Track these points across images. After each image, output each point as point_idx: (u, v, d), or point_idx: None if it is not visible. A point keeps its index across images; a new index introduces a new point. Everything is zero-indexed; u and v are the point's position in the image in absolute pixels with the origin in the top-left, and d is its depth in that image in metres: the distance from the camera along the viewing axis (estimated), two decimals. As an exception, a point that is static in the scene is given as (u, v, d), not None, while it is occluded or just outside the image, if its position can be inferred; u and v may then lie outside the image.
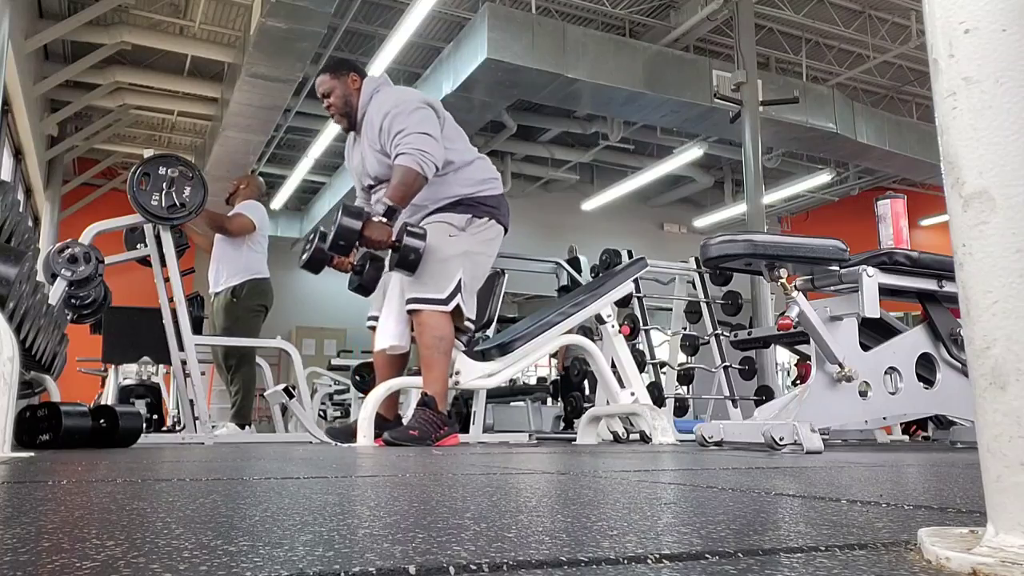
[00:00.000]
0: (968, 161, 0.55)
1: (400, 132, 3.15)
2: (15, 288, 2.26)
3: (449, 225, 3.31)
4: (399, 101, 3.26)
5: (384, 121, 3.21)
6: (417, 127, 3.16)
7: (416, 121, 3.18)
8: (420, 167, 3.11)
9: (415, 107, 3.24)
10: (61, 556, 0.53)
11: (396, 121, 3.18)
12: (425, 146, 3.13)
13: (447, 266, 3.22)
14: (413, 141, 3.13)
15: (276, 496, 0.98)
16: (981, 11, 0.55)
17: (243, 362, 5.04)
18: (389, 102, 3.27)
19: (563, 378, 6.41)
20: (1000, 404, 0.52)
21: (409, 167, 3.10)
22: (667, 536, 0.64)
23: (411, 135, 3.14)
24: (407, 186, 3.11)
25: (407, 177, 3.11)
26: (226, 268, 5.10)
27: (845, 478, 1.37)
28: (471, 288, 3.34)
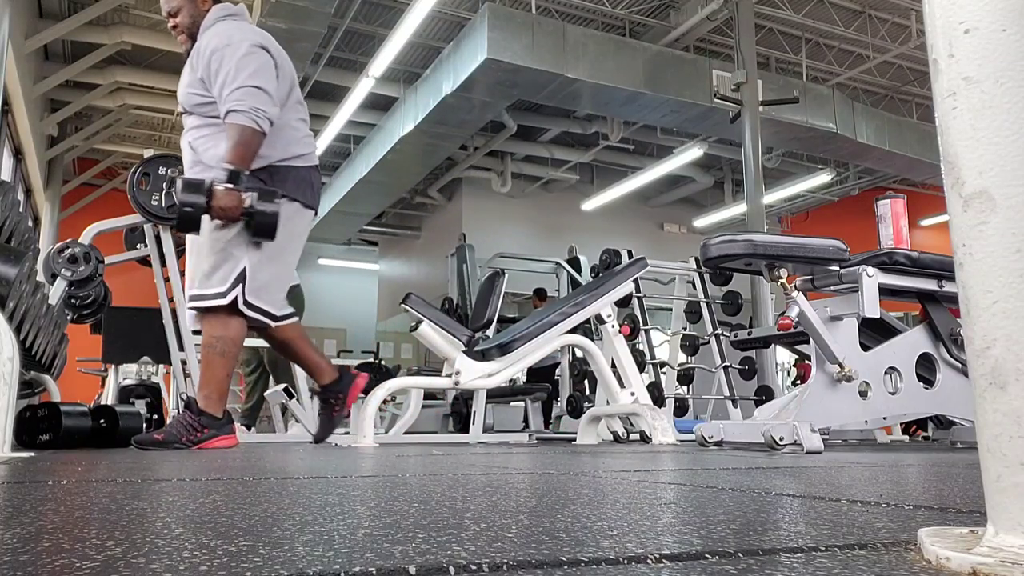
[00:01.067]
0: (968, 161, 0.55)
1: (229, 82, 2.87)
2: (15, 288, 2.26)
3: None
4: (232, 40, 2.93)
5: (212, 57, 2.91)
6: (249, 79, 2.86)
7: (249, 72, 2.87)
8: (257, 124, 2.84)
9: (247, 51, 2.91)
10: (61, 556, 0.53)
11: (225, 62, 2.89)
12: (259, 101, 2.84)
13: (227, 255, 2.89)
14: (245, 97, 2.84)
15: (276, 496, 0.98)
16: (981, 11, 0.55)
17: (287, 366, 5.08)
18: (224, 36, 2.96)
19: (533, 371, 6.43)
20: (1000, 404, 0.52)
21: (245, 125, 2.83)
22: (667, 536, 0.64)
23: (242, 89, 2.85)
24: (246, 146, 2.84)
25: (244, 136, 2.83)
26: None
27: (845, 478, 1.37)
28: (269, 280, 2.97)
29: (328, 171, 13.13)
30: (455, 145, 10.70)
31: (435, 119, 9.41)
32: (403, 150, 10.33)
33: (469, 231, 10.33)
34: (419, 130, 9.72)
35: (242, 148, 2.84)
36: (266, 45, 2.97)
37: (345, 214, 13.14)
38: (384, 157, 10.65)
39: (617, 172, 13.19)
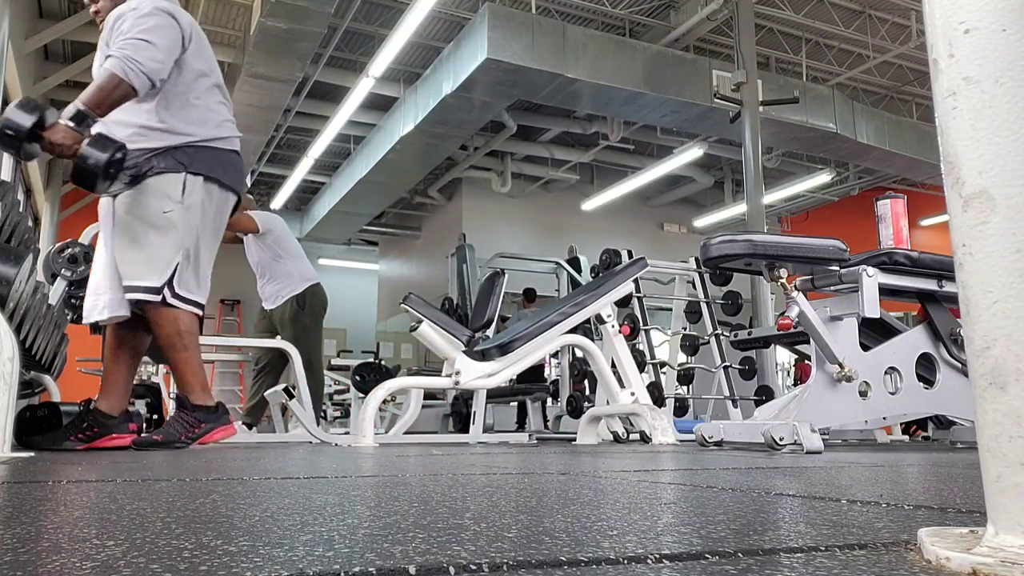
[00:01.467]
0: (968, 161, 0.55)
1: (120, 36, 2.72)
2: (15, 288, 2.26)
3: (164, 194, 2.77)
4: (139, 4, 2.79)
5: (116, 21, 2.78)
6: (139, 33, 2.71)
7: (142, 28, 2.72)
8: (125, 74, 2.64)
9: (149, 11, 2.76)
10: (61, 556, 0.53)
11: (126, 23, 2.74)
12: (140, 54, 2.66)
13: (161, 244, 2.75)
14: (128, 46, 2.67)
15: (276, 496, 0.98)
16: (981, 11, 0.55)
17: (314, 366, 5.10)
18: (133, 2, 2.82)
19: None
20: (1000, 404, 0.52)
21: (113, 72, 2.64)
22: (667, 536, 0.64)
23: (129, 39, 2.69)
24: (105, 91, 2.63)
25: (108, 82, 2.63)
26: (279, 282, 5.20)
27: (845, 478, 1.37)
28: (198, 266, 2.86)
29: (328, 171, 13.13)
30: (455, 145, 10.70)
31: (435, 119, 9.41)
32: (403, 150, 10.33)
33: (469, 231, 10.32)
34: (419, 130, 9.72)
35: (100, 93, 2.64)
36: (172, 12, 2.82)
37: (345, 214, 13.14)
38: (384, 157, 10.65)
39: (617, 172, 13.19)
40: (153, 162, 2.75)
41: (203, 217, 2.84)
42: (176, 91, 2.82)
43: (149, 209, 2.75)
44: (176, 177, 2.77)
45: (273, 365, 5.21)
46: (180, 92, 2.83)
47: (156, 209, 2.75)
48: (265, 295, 5.28)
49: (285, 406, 4.69)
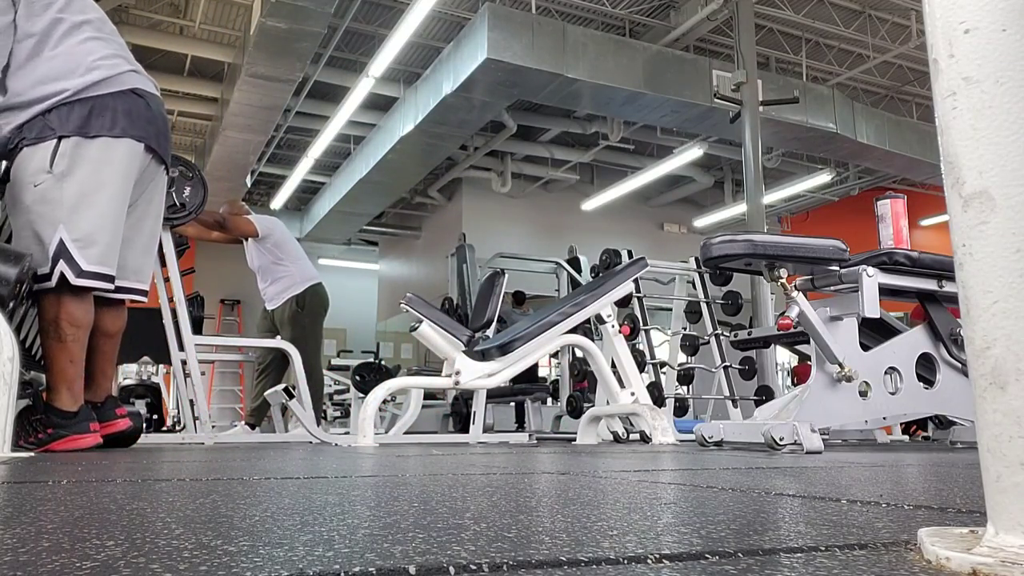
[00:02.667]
0: (968, 161, 0.55)
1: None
2: (15, 288, 2.26)
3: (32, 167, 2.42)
4: None
5: None
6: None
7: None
8: None
9: None
10: (61, 556, 0.53)
11: None
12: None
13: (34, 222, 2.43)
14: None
15: (276, 496, 0.98)
16: (981, 11, 0.55)
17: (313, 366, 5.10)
18: None
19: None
20: (1000, 404, 0.52)
21: None
22: (667, 536, 0.64)
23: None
24: None
25: None
26: (279, 283, 5.21)
27: (845, 478, 1.37)
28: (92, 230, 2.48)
29: (328, 171, 13.13)
30: (455, 145, 10.70)
31: (435, 119, 9.41)
32: (403, 150, 10.33)
33: (469, 231, 10.33)
34: (419, 130, 9.72)
35: None
36: None
37: (345, 214, 13.14)
38: (384, 157, 10.65)
39: (617, 172, 13.19)
40: (23, 133, 2.44)
41: (95, 180, 2.46)
42: (22, 56, 2.44)
43: (19, 186, 2.43)
44: (45, 146, 2.41)
45: (275, 366, 5.22)
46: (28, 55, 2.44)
47: (26, 184, 2.42)
48: (267, 296, 5.29)
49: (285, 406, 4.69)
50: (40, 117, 2.43)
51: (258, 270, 5.28)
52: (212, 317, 13.51)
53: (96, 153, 2.46)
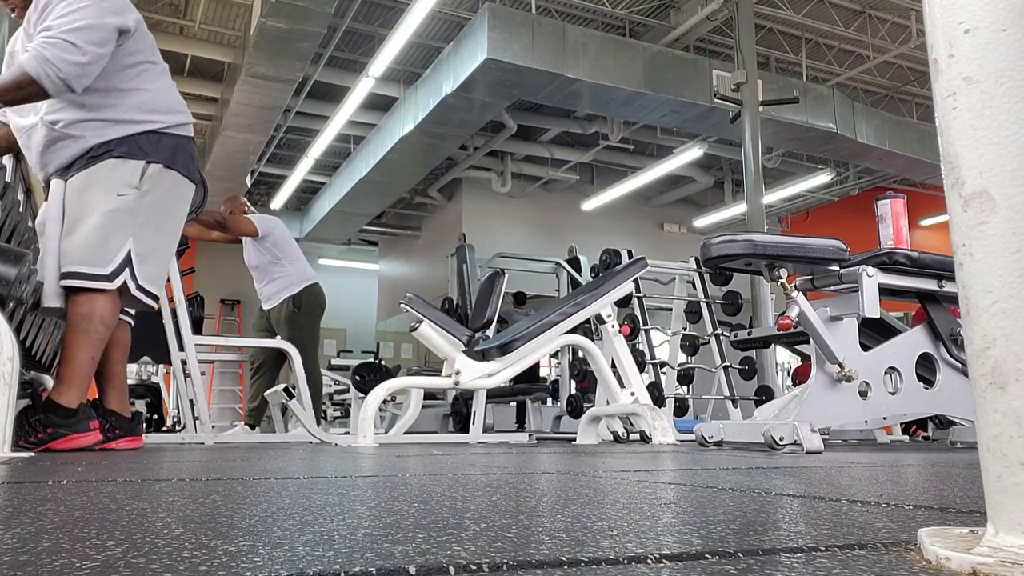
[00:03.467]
0: (968, 161, 0.55)
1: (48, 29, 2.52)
2: (15, 288, 2.26)
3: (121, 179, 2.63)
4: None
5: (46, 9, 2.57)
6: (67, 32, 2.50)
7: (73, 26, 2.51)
8: (39, 77, 2.46)
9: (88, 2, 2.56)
10: (61, 556, 0.53)
11: (55, 9, 2.55)
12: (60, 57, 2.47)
13: (111, 229, 2.59)
14: (49, 46, 2.48)
15: (276, 496, 0.98)
16: (981, 11, 0.55)
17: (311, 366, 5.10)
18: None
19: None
20: (1000, 404, 0.52)
21: (26, 71, 2.46)
22: (667, 536, 0.64)
23: (56, 38, 2.49)
24: (12, 88, 2.48)
25: (20, 79, 2.46)
26: (277, 283, 5.20)
27: (845, 478, 1.37)
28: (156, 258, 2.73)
29: (328, 171, 13.13)
30: (455, 145, 10.70)
31: (435, 119, 9.41)
32: (403, 150, 10.33)
33: (469, 231, 10.32)
34: (419, 130, 9.72)
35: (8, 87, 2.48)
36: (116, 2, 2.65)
37: (345, 214, 13.14)
38: (384, 157, 10.65)
39: (617, 172, 13.19)
40: (112, 146, 2.64)
41: (163, 207, 2.71)
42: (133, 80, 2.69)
43: (104, 191, 2.60)
44: (136, 164, 2.64)
45: (270, 366, 5.22)
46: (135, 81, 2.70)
47: (111, 191, 2.60)
48: (264, 296, 5.29)
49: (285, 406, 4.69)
50: (131, 137, 2.66)
51: (255, 269, 5.28)
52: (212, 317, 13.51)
53: (170, 185, 2.73)
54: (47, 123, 2.64)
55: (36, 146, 2.70)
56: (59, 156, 2.66)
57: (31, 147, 2.72)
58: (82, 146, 2.63)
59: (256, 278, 5.29)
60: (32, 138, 2.70)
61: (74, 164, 2.65)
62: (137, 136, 2.66)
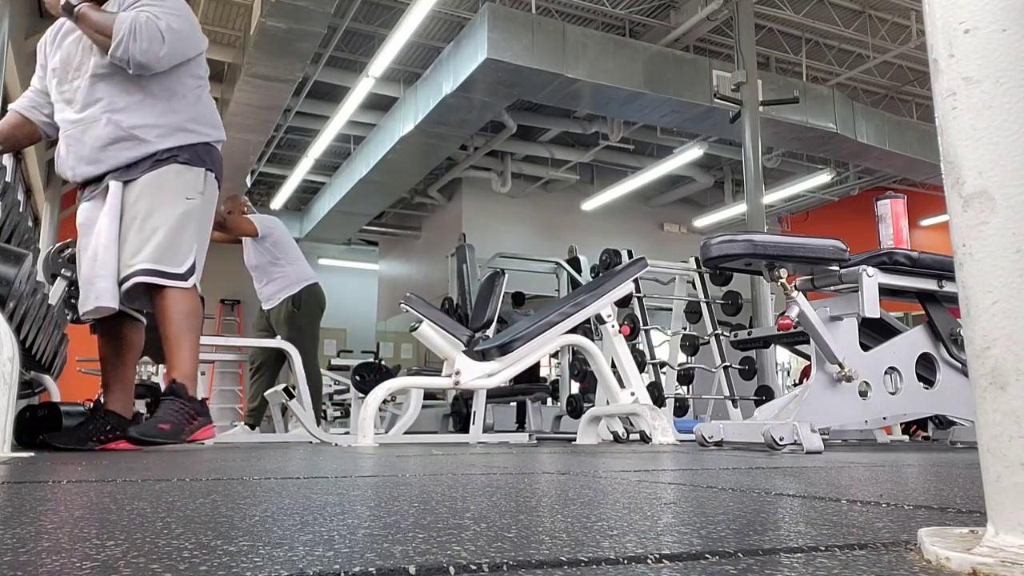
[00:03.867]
0: (968, 161, 0.55)
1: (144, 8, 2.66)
2: (15, 288, 2.26)
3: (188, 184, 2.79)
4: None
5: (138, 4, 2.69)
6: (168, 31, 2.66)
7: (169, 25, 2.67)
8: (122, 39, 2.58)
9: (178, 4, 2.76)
10: (61, 556, 0.53)
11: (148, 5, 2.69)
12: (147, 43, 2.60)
13: (183, 229, 2.74)
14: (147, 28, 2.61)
15: (276, 496, 0.98)
16: (981, 11, 0.55)
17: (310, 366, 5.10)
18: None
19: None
20: (1000, 404, 0.52)
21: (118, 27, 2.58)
22: (667, 536, 0.64)
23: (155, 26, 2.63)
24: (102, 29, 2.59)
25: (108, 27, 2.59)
26: (276, 283, 5.20)
27: (845, 478, 1.37)
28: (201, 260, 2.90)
29: (328, 171, 13.13)
30: (455, 145, 10.70)
31: (435, 119, 9.41)
32: (403, 150, 10.33)
33: (469, 231, 10.32)
34: (419, 130, 9.72)
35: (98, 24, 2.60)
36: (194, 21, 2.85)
37: (345, 214, 13.13)
38: (384, 157, 10.64)
39: (617, 172, 13.19)
40: (177, 152, 2.77)
41: (209, 213, 2.90)
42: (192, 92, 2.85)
43: (175, 195, 2.74)
44: (198, 171, 2.81)
45: (270, 366, 5.21)
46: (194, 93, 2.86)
47: (180, 195, 2.75)
48: (263, 296, 5.29)
49: (285, 406, 4.69)
50: (191, 146, 2.80)
51: (255, 269, 5.27)
52: (212, 317, 13.51)
53: (213, 193, 2.92)
54: (114, 122, 2.71)
55: (93, 141, 2.73)
56: (119, 156, 2.72)
57: (84, 141, 2.75)
58: (147, 150, 2.72)
59: (255, 278, 5.29)
60: (88, 132, 2.73)
61: (135, 166, 2.73)
62: (196, 146, 2.81)
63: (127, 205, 2.70)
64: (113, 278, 2.64)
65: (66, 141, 2.80)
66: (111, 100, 2.71)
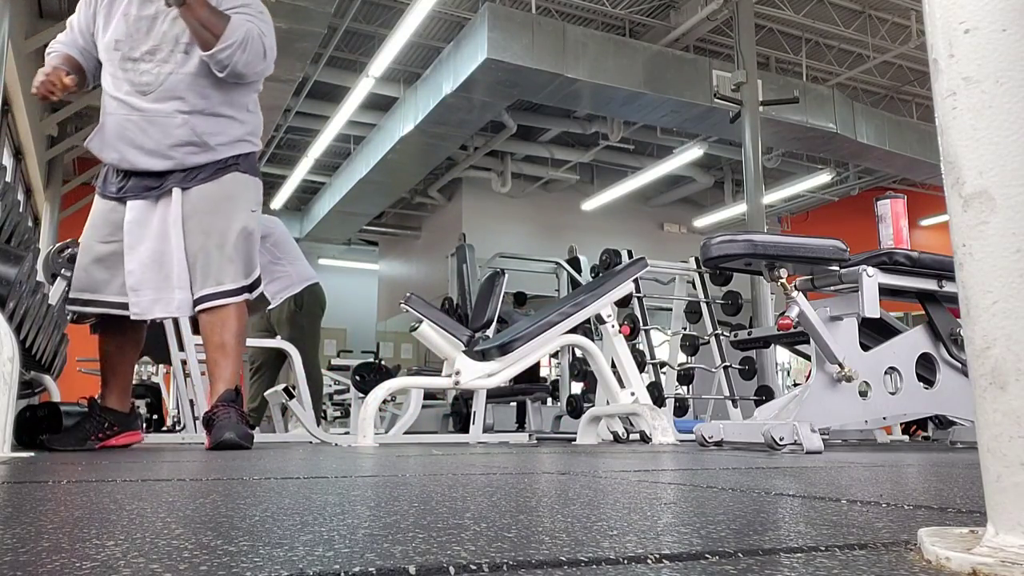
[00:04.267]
0: (968, 161, 0.55)
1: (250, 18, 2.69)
2: (15, 288, 2.26)
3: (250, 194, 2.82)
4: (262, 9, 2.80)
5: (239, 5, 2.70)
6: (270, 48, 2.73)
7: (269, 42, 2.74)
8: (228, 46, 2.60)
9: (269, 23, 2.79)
10: (61, 556, 0.53)
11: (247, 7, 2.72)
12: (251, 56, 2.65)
13: (253, 246, 2.78)
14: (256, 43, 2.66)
15: (276, 496, 0.98)
16: (981, 11, 0.55)
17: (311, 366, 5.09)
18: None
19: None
20: (1000, 404, 0.52)
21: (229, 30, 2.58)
22: (667, 536, 0.64)
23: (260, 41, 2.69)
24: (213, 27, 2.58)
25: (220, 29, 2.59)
26: (276, 283, 5.19)
27: (845, 478, 1.37)
28: None
29: (328, 171, 13.14)
30: (455, 145, 10.70)
31: (435, 119, 9.41)
32: (403, 150, 10.33)
33: (469, 231, 10.33)
34: (419, 130, 9.72)
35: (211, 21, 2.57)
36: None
37: (345, 214, 13.14)
38: (384, 157, 10.65)
39: (617, 172, 13.19)
40: (237, 160, 2.76)
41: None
42: (255, 104, 2.88)
43: (241, 207, 2.74)
44: (256, 181, 2.84)
45: (269, 365, 5.22)
46: (256, 105, 2.89)
47: (246, 208, 2.76)
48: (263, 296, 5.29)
49: (285, 406, 4.69)
50: (246, 156, 2.81)
51: None
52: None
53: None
54: (191, 125, 2.67)
55: (161, 136, 2.66)
56: (187, 159, 2.69)
57: (149, 132, 2.67)
58: (212, 157, 2.71)
59: None
60: (157, 126, 2.67)
61: (196, 172, 2.70)
62: (249, 155, 2.83)
63: (192, 212, 2.67)
64: (188, 289, 2.65)
65: (121, 124, 2.69)
66: (192, 102, 2.68)
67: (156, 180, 2.70)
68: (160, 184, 2.69)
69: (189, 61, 2.67)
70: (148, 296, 2.65)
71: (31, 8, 8.50)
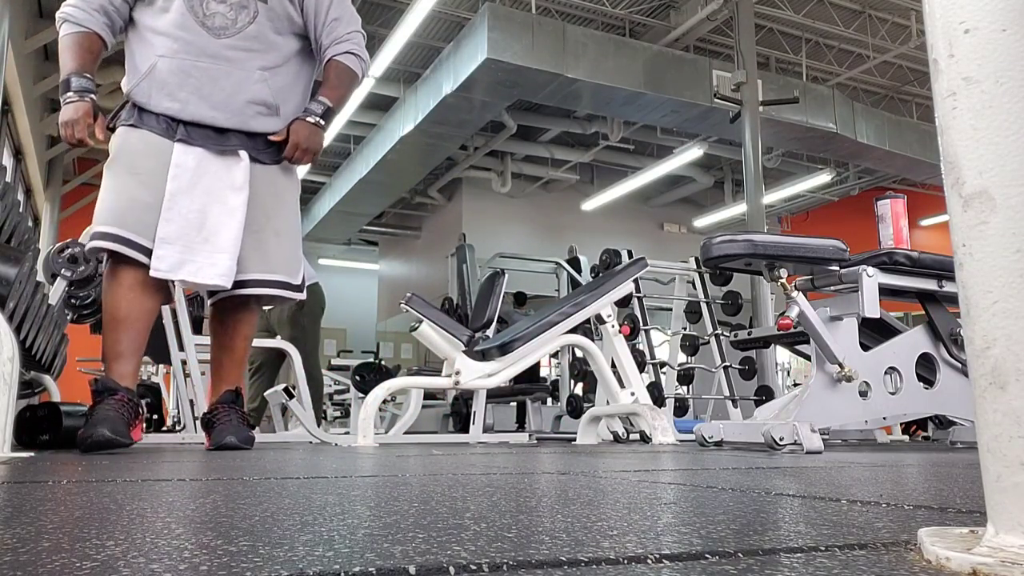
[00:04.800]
0: (968, 161, 0.55)
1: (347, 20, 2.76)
2: (15, 288, 2.26)
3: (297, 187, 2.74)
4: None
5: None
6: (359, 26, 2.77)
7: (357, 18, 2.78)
8: (361, 73, 2.77)
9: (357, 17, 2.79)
10: (61, 556, 0.53)
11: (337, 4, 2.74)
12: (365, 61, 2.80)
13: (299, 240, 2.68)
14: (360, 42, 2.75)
15: (276, 496, 0.98)
16: (981, 11, 0.55)
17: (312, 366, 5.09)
18: None
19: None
20: (1000, 404, 0.52)
21: (356, 72, 2.72)
22: (667, 536, 0.64)
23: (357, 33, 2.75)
24: (348, 89, 2.72)
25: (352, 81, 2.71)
26: None
27: (845, 478, 1.37)
28: None
29: (328, 171, 13.13)
30: (455, 145, 10.70)
31: (435, 119, 9.41)
32: (403, 150, 10.33)
33: (469, 231, 10.33)
34: (419, 130, 9.72)
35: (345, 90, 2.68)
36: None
37: (345, 214, 13.14)
38: (384, 157, 10.65)
39: (617, 172, 13.19)
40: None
41: None
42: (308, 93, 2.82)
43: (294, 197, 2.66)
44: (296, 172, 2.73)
45: (269, 366, 5.22)
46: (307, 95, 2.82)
47: (296, 198, 2.68)
48: None
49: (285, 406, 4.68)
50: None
51: None
52: (212, 317, 13.46)
53: None
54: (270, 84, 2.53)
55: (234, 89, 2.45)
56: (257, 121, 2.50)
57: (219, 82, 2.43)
58: (276, 125, 2.54)
59: None
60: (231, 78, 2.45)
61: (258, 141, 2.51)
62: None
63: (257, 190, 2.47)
64: (235, 258, 2.39)
65: (185, 70, 2.42)
66: (271, 58, 2.52)
67: (218, 134, 2.46)
68: (223, 139, 2.46)
69: (270, 12, 2.49)
70: (175, 254, 2.33)
71: (31, 8, 8.50)
